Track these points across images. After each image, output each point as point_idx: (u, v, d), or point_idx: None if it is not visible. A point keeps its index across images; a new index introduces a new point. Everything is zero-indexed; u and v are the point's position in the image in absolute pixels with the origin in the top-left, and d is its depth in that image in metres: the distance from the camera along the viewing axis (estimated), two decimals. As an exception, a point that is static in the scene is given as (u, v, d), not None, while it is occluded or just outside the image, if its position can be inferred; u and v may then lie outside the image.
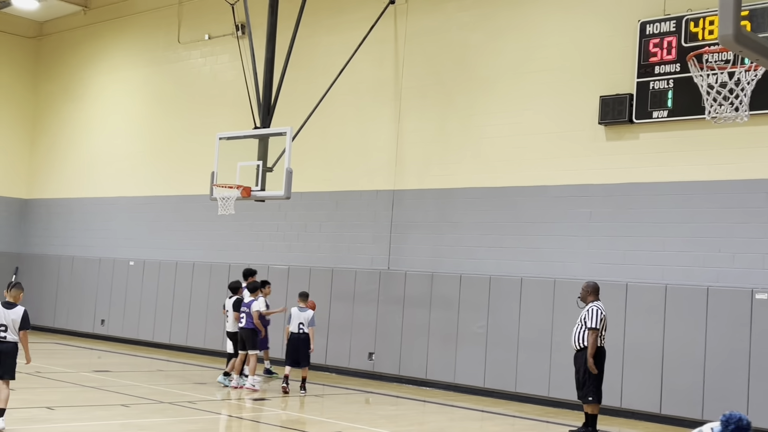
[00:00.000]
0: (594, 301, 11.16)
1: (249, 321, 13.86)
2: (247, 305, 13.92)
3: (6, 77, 24.35)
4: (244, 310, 13.92)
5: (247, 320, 13.87)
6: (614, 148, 13.66)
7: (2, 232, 24.22)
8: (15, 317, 9.34)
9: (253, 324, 13.85)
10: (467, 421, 12.31)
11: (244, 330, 13.88)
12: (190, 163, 19.83)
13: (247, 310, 13.89)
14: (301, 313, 13.83)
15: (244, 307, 13.95)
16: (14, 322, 9.32)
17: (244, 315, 13.90)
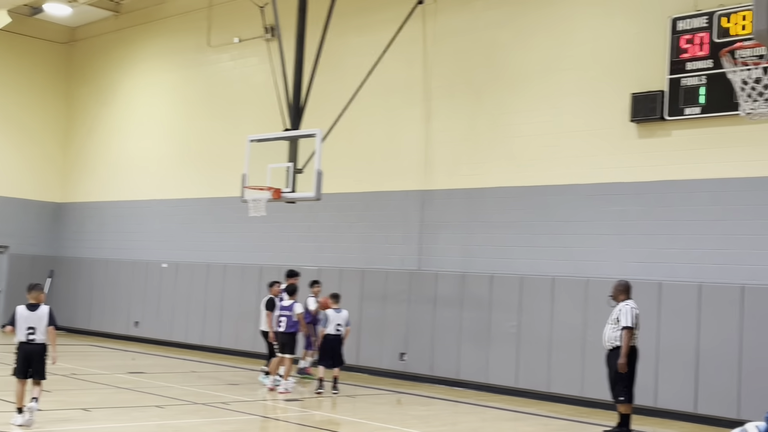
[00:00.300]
0: (626, 300, 11.07)
1: (289, 325, 13.56)
2: (287, 308, 13.62)
3: (39, 82, 24.66)
4: (284, 314, 13.60)
5: (288, 324, 13.56)
6: (646, 146, 13.54)
7: (37, 236, 24.52)
8: (41, 317, 9.56)
9: (294, 328, 13.56)
10: (500, 422, 12.27)
11: (284, 334, 13.57)
12: (222, 165, 19.95)
13: (288, 313, 13.57)
14: (338, 314, 13.92)
15: (285, 311, 13.63)
16: (41, 323, 9.52)
17: (284, 319, 13.56)
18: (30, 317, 9.62)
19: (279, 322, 13.61)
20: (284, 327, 13.56)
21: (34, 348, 9.62)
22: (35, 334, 9.59)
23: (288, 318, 13.53)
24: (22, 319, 9.64)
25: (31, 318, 9.61)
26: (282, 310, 13.68)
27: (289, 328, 13.56)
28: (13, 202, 24.04)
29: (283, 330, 13.56)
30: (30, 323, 9.59)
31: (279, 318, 13.64)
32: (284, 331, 13.56)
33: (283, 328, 13.56)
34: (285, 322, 13.56)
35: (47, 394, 11.13)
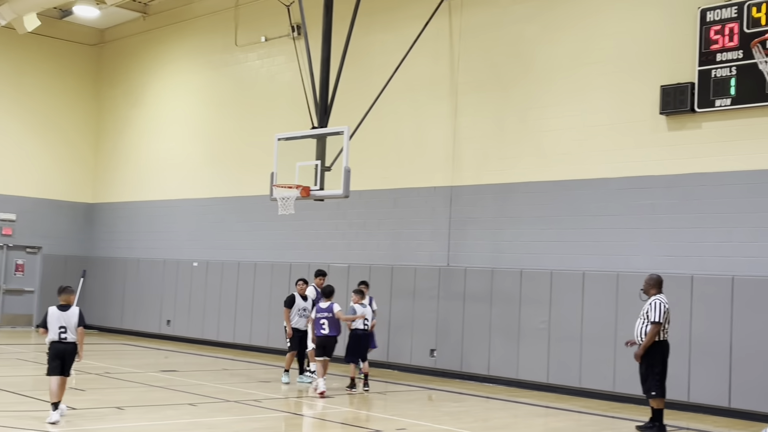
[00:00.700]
0: (657, 294, 11.00)
1: (332, 328, 13.21)
2: (327, 310, 13.26)
3: (70, 85, 24.94)
4: (325, 316, 13.23)
5: (330, 327, 13.19)
6: (676, 139, 13.42)
7: (70, 237, 24.81)
8: (72, 317, 10.01)
9: (337, 330, 13.23)
10: (532, 417, 12.24)
11: (327, 338, 13.18)
12: (250, 164, 20.06)
13: (329, 314, 13.21)
14: (365, 309, 13.90)
15: (324, 312, 13.27)
16: (71, 322, 9.99)
17: (326, 321, 13.19)
18: (61, 317, 10.03)
19: (321, 326, 13.17)
20: (328, 330, 13.15)
21: (66, 346, 10.02)
22: (67, 333, 9.99)
23: (329, 320, 13.15)
24: (53, 319, 10.02)
25: (62, 318, 10.02)
26: (320, 312, 13.31)
27: (332, 331, 13.17)
28: (45, 203, 24.35)
29: (327, 333, 13.15)
30: (61, 323, 10.00)
31: (320, 321, 13.21)
32: (328, 334, 13.15)
33: (327, 331, 13.15)
34: (327, 324, 13.15)
35: (81, 392, 11.30)
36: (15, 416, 10.22)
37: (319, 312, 13.32)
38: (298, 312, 14.47)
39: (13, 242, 23.80)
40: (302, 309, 14.49)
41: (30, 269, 24.13)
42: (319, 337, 13.24)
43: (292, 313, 14.42)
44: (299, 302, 14.57)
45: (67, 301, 10.16)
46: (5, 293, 23.68)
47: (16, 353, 17.89)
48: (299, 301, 14.54)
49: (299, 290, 14.67)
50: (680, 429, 11.47)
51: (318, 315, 13.28)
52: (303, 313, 14.45)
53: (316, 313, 13.37)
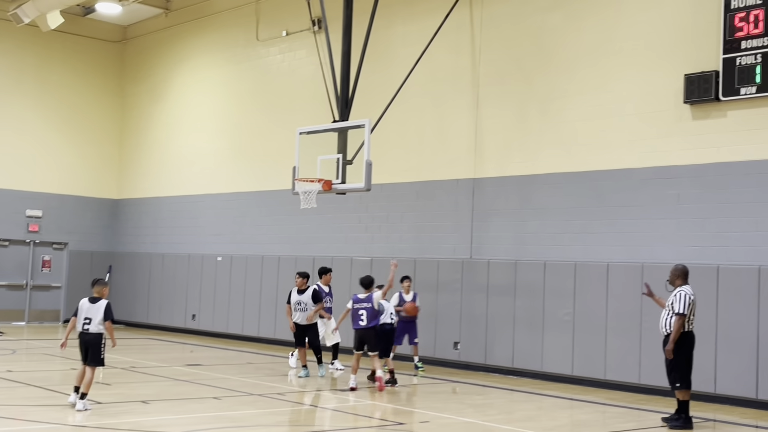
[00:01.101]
0: (682, 285, 10.90)
1: (371, 320, 12.78)
2: (366, 300, 12.83)
3: (94, 81, 25.11)
4: (363, 307, 12.79)
5: (369, 318, 12.75)
6: (701, 128, 13.27)
7: (96, 232, 25.01)
8: (99, 310, 10.45)
9: (376, 321, 12.81)
10: (556, 410, 12.17)
11: (366, 330, 12.75)
12: (273, 158, 20.10)
13: (367, 305, 12.79)
14: (388, 304, 13.83)
15: (362, 303, 12.82)
16: (97, 315, 10.43)
17: (364, 312, 12.76)
18: (89, 309, 10.49)
19: (360, 317, 12.73)
20: (366, 321, 12.74)
21: (89, 337, 10.47)
22: (90, 324, 10.42)
23: (368, 311, 12.72)
24: (82, 311, 10.51)
25: (90, 310, 10.48)
26: (358, 303, 12.87)
27: (370, 322, 12.75)
28: (71, 199, 24.55)
29: (366, 325, 12.75)
30: (87, 314, 10.46)
31: (359, 312, 12.75)
32: (366, 326, 12.76)
33: (365, 323, 12.74)
34: (366, 315, 12.74)
35: (107, 387, 11.39)
36: (41, 410, 10.32)
37: (356, 302, 12.88)
38: (294, 306, 14.33)
39: (39, 238, 24.02)
40: (297, 303, 14.31)
41: (56, 265, 24.36)
42: (357, 330, 12.88)
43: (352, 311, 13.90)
44: (294, 297, 14.39)
45: (99, 293, 10.62)
46: (32, 289, 23.92)
47: (43, 348, 18.07)
48: (294, 295, 14.38)
49: (297, 284, 14.44)
50: (707, 420, 11.37)
51: (356, 306, 12.83)
52: (298, 307, 14.28)
53: (353, 304, 12.91)
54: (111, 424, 9.51)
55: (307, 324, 14.28)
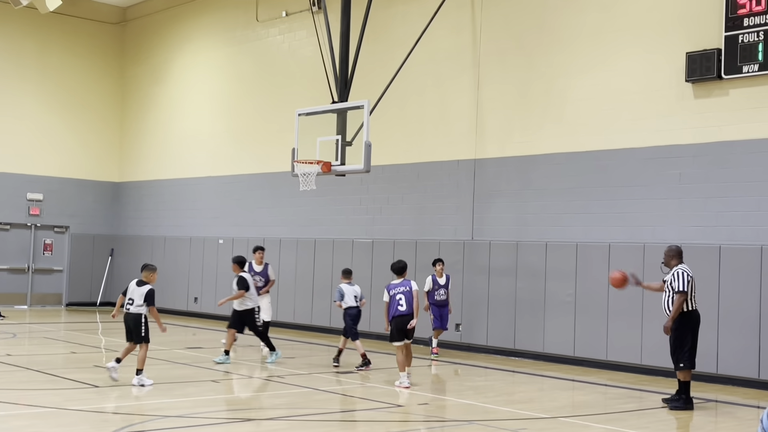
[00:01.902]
0: (678, 264, 10.81)
1: (409, 306, 11.58)
2: (401, 285, 11.67)
3: (94, 64, 24.98)
4: (403, 291, 11.60)
5: (408, 303, 11.56)
6: (703, 106, 13.13)
7: (97, 215, 24.97)
8: (141, 294, 11.19)
9: (411, 308, 11.59)
10: (557, 391, 12.12)
11: (403, 317, 11.55)
12: (273, 140, 20.00)
13: (405, 289, 11.63)
14: (352, 287, 13.44)
15: (401, 287, 11.65)
16: (140, 298, 11.18)
17: (402, 297, 11.57)
18: (134, 291, 11.29)
19: (398, 303, 11.55)
20: (405, 307, 11.55)
21: (129, 317, 11.32)
22: (132, 305, 11.20)
23: (406, 295, 11.54)
24: (128, 291, 11.32)
25: (135, 292, 11.28)
26: (394, 289, 11.67)
27: (410, 307, 11.61)
28: (72, 182, 24.49)
29: (405, 310, 11.55)
30: (131, 295, 11.28)
31: (397, 297, 11.58)
32: (406, 311, 11.55)
33: (404, 308, 11.54)
34: (404, 300, 11.56)
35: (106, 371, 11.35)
36: (42, 394, 10.30)
37: (392, 289, 11.69)
38: None
39: (41, 222, 23.99)
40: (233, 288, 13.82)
41: (58, 249, 24.34)
42: (395, 318, 11.58)
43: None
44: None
45: (147, 278, 11.30)
46: (34, 273, 23.91)
47: (45, 332, 18.07)
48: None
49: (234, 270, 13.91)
50: (708, 401, 11.31)
51: (393, 292, 11.63)
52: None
53: (390, 291, 11.64)
54: (109, 408, 9.48)
55: (243, 310, 13.67)
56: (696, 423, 10.08)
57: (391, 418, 9.65)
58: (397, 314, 11.54)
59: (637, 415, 10.25)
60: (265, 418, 9.41)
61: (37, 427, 8.48)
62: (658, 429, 9.48)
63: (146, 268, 11.44)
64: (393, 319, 11.59)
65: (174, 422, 9.05)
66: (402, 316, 11.53)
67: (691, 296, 10.67)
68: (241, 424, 9.01)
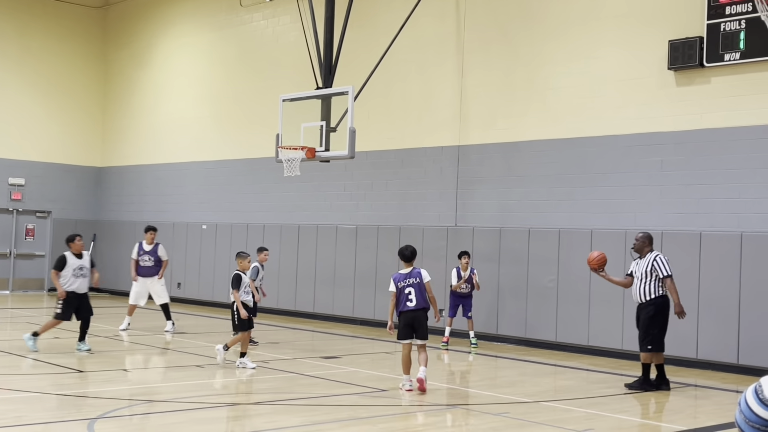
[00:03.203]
0: (651, 251, 10.96)
1: (421, 299, 10.18)
2: (411, 276, 10.23)
3: (76, 48, 24.81)
4: (413, 283, 10.17)
5: (418, 297, 10.14)
6: (685, 94, 13.24)
7: (79, 201, 24.86)
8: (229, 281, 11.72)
9: (425, 302, 10.22)
10: (539, 376, 12.23)
11: (416, 312, 10.15)
12: (257, 125, 19.97)
13: (417, 281, 10.17)
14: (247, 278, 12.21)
15: (411, 278, 10.20)
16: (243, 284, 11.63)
17: (412, 290, 10.13)
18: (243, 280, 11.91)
19: (408, 296, 10.14)
20: (414, 302, 10.13)
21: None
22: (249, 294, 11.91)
23: (416, 288, 10.14)
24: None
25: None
26: (403, 280, 10.23)
27: (420, 302, 10.15)
28: (54, 167, 24.36)
29: (415, 306, 10.12)
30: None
31: (406, 290, 10.15)
32: (415, 307, 10.13)
33: (413, 303, 10.13)
34: (414, 294, 10.12)
35: (90, 356, 11.35)
36: (25, 378, 10.30)
37: (400, 280, 10.22)
38: (74, 272, 12.65)
39: (22, 207, 23.88)
40: (78, 269, 12.70)
41: (40, 234, 24.24)
42: (403, 313, 10.18)
43: (66, 275, 12.57)
44: (73, 261, 12.66)
45: (240, 266, 11.70)
46: (16, 257, 23.82)
47: (27, 317, 18.01)
48: (73, 260, 12.71)
49: (75, 248, 12.81)
50: (688, 385, 11.45)
51: (402, 284, 10.19)
52: (80, 272, 12.70)
53: (397, 282, 10.23)
54: (92, 392, 9.50)
55: (83, 293, 12.80)
56: (675, 406, 10.22)
57: (375, 403, 9.72)
58: (406, 309, 10.13)
59: (618, 399, 10.38)
60: (250, 402, 9.46)
61: (21, 412, 8.49)
62: (638, 413, 9.61)
63: (238, 256, 11.79)
64: (401, 315, 10.21)
65: (159, 407, 9.08)
66: (412, 311, 10.10)
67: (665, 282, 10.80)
68: (225, 409, 9.06)
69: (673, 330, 12.85)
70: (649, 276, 10.81)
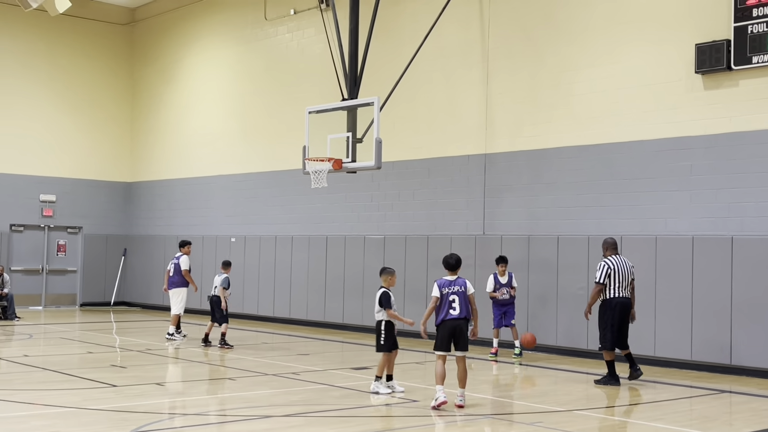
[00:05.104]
0: (607, 256, 11.82)
1: (466, 309, 9.79)
2: (455, 284, 9.85)
3: (104, 65, 25.10)
4: (457, 291, 9.78)
5: (462, 306, 9.75)
6: (713, 98, 13.13)
7: (110, 216, 25.11)
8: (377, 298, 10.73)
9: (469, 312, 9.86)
10: (571, 384, 12.14)
11: (458, 320, 9.78)
12: (284, 138, 20.07)
13: (461, 290, 9.82)
14: (219, 277, 15.54)
15: (455, 286, 9.82)
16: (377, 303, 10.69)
17: (456, 298, 9.76)
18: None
19: (451, 304, 9.76)
20: (458, 310, 9.76)
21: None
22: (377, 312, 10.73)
23: (460, 296, 9.77)
24: None
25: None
26: (448, 287, 9.82)
27: (464, 312, 9.81)
28: (85, 183, 24.63)
29: (458, 315, 9.75)
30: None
31: (450, 298, 9.77)
32: (458, 315, 9.75)
33: (457, 312, 9.75)
34: (458, 302, 9.75)
35: (122, 369, 11.44)
36: (58, 394, 10.40)
37: (445, 286, 9.83)
38: None
39: (54, 223, 24.15)
40: None
41: (72, 249, 24.49)
42: (447, 321, 9.76)
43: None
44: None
45: (386, 282, 10.73)
46: (48, 273, 24.07)
47: (61, 332, 18.20)
48: None
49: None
50: (722, 392, 11.32)
51: (446, 290, 9.79)
52: None
53: (442, 288, 9.83)
54: (126, 407, 9.57)
55: None
56: (711, 413, 10.10)
57: (407, 413, 9.70)
58: (449, 318, 9.73)
59: (652, 407, 10.28)
60: (281, 414, 9.48)
61: (57, 427, 8.57)
62: (673, 420, 9.51)
63: (383, 272, 10.81)
64: (441, 324, 9.78)
65: (192, 420, 9.13)
66: (455, 320, 9.71)
67: (612, 286, 11.70)
68: (258, 421, 9.08)
69: (707, 336, 12.77)
70: None
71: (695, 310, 13.05)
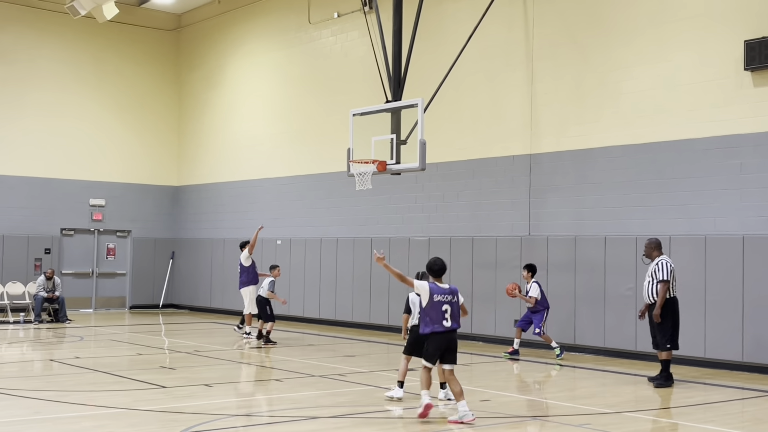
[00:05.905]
0: (659, 255, 11.72)
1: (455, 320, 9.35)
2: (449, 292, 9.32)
3: (151, 70, 25.44)
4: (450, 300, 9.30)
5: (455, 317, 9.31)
6: (763, 95, 12.90)
7: (158, 219, 25.43)
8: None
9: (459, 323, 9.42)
10: (620, 386, 12.02)
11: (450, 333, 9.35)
12: (328, 140, 20.15)
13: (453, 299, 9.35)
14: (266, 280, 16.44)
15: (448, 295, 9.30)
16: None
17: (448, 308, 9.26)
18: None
19: (444, 314, 9.24)
20: (450, 322, 9.30)
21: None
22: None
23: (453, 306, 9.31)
24: None
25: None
26: (441, 295, 9.28)
27: (456, 323, 9.38)
28: (133, 187, 24.98)
29: (451, 326, 9.31)
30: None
31: (443, 307, 9.25)
32: (451, 327, 9.33)
33: (449, 323, 9.29)
34: (450, 312, 9.28)
35: (171, 371, 11.58)
36: (109, 395, 10.56)
37: (438, 293, 9.24)
38: None
39: (103, 227, 24.52)
40: None
41: (121, 253, 24.86)
42: (439, 333, 9.25)
43: None
44: None
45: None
46: (98, 277, 24.45)
47: (110, 335, 18.48)
48: None
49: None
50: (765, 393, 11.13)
51: (439, 298, 9.21)
52: None
53: (434, 294, 9.22)
54: (175, 408, 9.69)
55: None
56: (763, 415, 9.92)
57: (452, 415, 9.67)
58: (441, 330, 9.21)
59: (703, 409, 10.14)
60: (328, 416, 9.53)
61: (109, 427, 8.71)
62: (725, 422, 9.37)
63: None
64: (432, 335, 9.27)
65: (240, 420, 9.22)
66: (449, 332, 9.27)
67: (672, 284, 11.60)
68: (305, 422, 9.13)
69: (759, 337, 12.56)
70: (654, 278, 11.62)
71: (746, 311, 12.83)
